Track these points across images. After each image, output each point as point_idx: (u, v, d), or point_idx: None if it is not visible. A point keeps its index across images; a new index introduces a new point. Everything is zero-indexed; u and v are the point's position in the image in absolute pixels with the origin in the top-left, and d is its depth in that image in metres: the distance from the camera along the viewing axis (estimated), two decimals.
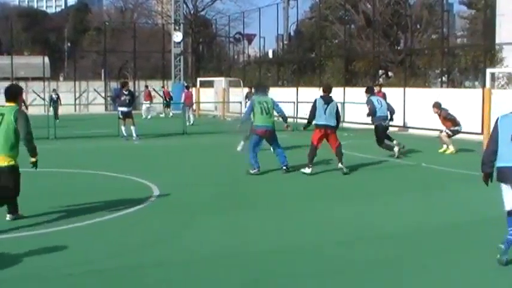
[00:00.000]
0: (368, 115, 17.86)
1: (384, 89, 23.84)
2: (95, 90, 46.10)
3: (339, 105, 16.58)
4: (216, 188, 12.93)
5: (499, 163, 7.72)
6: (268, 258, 7.71)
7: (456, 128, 19.21)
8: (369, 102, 17.73)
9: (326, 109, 14.76)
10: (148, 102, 39.41)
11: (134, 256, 7.79)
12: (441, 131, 19.30)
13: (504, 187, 7.63)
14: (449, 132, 19.09)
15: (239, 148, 18.47)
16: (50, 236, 8.70)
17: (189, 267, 7.39)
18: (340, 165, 14.89)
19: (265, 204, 11.31)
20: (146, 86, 42.50)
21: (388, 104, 18.28)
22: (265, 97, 15.22)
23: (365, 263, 7.52)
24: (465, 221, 9.95)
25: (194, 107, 36.98)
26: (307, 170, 14.60)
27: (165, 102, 41.60)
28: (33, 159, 9.69)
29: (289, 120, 19.39)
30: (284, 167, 14.81)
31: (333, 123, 14.88)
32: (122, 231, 9.05)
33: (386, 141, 17.92)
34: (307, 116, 15.19)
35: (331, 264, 7.56)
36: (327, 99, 14.99)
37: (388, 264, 7.50)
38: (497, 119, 8.12)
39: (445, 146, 19.15)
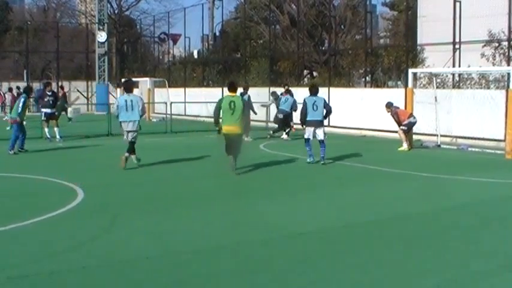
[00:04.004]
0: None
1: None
2: None
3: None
4: (140, 188, 12.85)
5: (308, 118, 16.37)
6: (192, 259, 7.68)
7: (409, 120, 19.89)
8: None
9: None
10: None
11: (56, 260, 7.63)
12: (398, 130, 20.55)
13: (309, 129, 16.42)
14: (404, 128, 19.75)
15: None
16: None
17: (112, 270, 7.30)
18: None
19: (189, 204, 11.27)
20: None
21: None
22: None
23: (288, 261, 7.59)
24: (386, 216, 10.16)
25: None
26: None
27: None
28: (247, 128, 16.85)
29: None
30: None
31: None
32: (44, 235, 8.86)
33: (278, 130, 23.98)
34: None
35: (254, 262, 7.59)
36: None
37: (311, 261, 7.58)
38: (305, 99, 16.73)
39: (405, 145, 19.76)
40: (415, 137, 21.49)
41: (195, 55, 48.84)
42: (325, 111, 16.62)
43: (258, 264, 7.51)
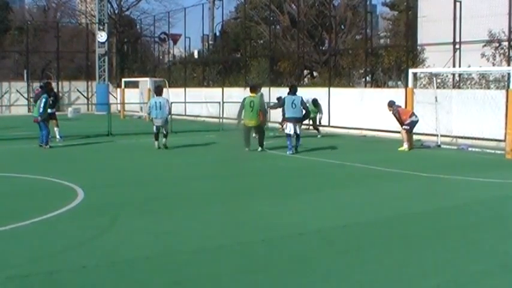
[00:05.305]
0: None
1: (309, 89, 24.47)
2: (17, 91, 45.08)
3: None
4: (140, 188, 12.84)
5: (287, 115, 18.69)
6: (191, 259, 7.66)
7: (411, 119, 19.85)
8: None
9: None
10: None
11: (56, 260, 7.62)
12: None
13: (289, 124, 18.50)
14: (407, 127, 19.74)
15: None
16: None
17: (112, 270, 7.28)
18: None
19: (189, 204, 11.25)
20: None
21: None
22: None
23: (288, 261, 7.59)
24: (386, 216, 10.15)
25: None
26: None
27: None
28: (263, 119, 19.47)
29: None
30: None
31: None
32: (44, 235, 8.84)
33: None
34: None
35: (254, 262, 7.58)
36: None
37: (311, 261, 7.58)
38: (284, 97, 19.38)
39: (405, 145, 19.74)
40: (415, 137, 21.49)
41: (195, 55, 48.79)
42: (303, 110, 19.14)
43: (258, 264, 7.50)
